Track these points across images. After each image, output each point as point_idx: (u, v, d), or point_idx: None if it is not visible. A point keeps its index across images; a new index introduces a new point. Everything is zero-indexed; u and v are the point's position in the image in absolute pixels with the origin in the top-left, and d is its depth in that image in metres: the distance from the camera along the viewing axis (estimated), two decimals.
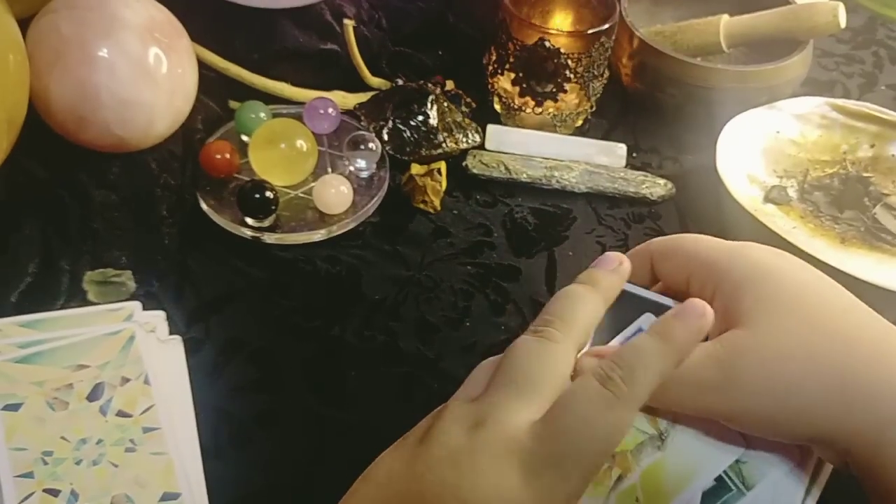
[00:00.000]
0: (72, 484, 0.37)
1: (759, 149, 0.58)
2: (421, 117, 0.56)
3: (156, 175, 0.52)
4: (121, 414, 0.40)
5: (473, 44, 0.64)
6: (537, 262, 0.51)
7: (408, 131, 0.56)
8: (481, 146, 0.58)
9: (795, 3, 0.63)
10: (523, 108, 0.59)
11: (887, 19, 0.79)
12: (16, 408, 0.39)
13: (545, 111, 0.58)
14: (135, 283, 0.46)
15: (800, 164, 0.58)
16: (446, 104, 0.58)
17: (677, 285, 0.35)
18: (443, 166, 0.54)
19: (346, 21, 0.59)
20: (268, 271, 0.49)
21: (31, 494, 0.37)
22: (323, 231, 0.50)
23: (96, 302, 0.45)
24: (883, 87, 0.71)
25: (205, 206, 0.50)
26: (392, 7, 0.66)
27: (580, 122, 0.61)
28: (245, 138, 0.54)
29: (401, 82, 0.60)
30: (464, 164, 0.56)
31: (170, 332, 0.44)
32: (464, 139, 0.57)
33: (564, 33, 0.56)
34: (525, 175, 0.56)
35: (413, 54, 0.63)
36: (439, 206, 0.53)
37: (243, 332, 0.45)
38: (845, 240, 0.53)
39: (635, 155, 0.60)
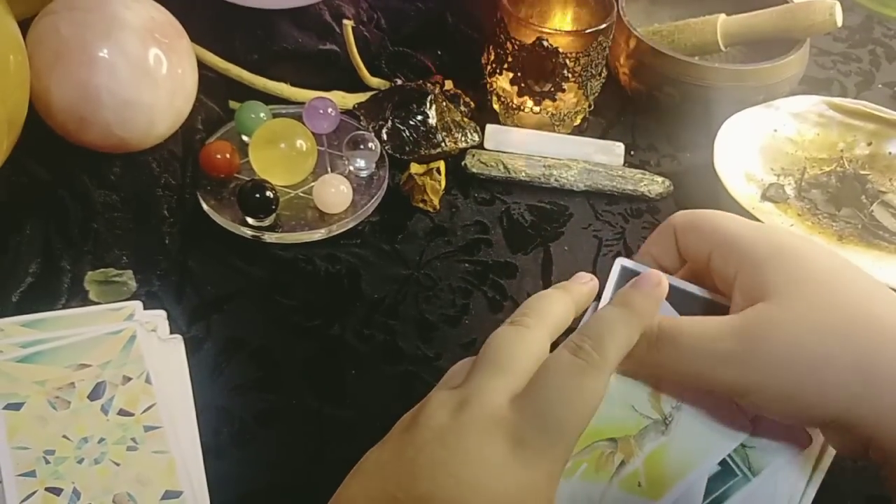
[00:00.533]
0: (74, 483, 0.37)
1: (757, 147, 0.58)
2: (420, 117, 0.57)
3: (156, 175, 0.52)
4: (122, 413, 0.40)
5: (472, 43, 0.64)
6: (534, 258, 0.52)
7: (407, 131, 0.56)
8: (480, 145, 0.58)
9: (792, 1, 0.63)
10: (522, 107, 0.59)
11: (884, 17, 0.79)
12: (18, 407, 0.40)
13: (543, 110, 0.59)
14: (136, 282, 0.47)
15: (797, 163, 0.59)
16: (445, 104, 0.58)
17: (699, 261, 0.35)
18: (442, 165, 0.55)
19: (345, 21, 0.59)
20: (268, 271, 0.49)
21: (34, 493, 0.37)
22: (323, 230, 0.50)
23: (97, 301, 0.46)
24: (880, 86, 0.71)
25: (205, 206, 0.51)
26: (391, 7, 0.66)
27: (578, 121, 0.61)
28: (245, 138, 0.54)
29: (400, 82, 0.60)
30: (463, 163, 0.56)
31: (171, 332, 0.44)
32: (463, 138, 0.58)
33: (562, 33, 0.56)
34: (524, 174, 0.56)
35: (412, 54, 0.63)
36: (438, 205, 0.54)
37: (244, 331, 0.45)
38: (842, 237, 0.53)
39: (633, 153, 0.60)
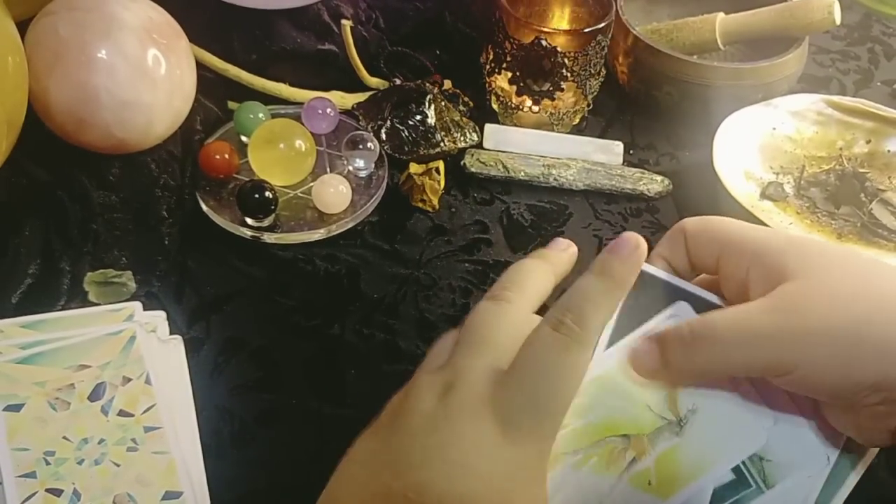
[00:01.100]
0: (74, 484, 0.37)
1: (756, 145, 0.58)
2: (419, 117, 0.57)
3: (155, 176, 0.52)
4: (122, 413, 0.40)
5: (471, 43, 0.64)
6: None
7: (406, 131, 0.56)
8: (479, 145, 0.58)
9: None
10: (521, 106, 0.59)
11: (882, 15, 0.79)
12: (18, 408, 0.40)
13: (542, 110, 0.59)
14: (135, 283, 0.47)
15: (796, 161, 0.59)
16: (444, 103, 0.58)
17: (707, 265, 0.35)
18: (441, 165, 0.55)
19: (343, 21, 0.59)
20: (267, 271, 0.49)
21: (34, 494, 0.37)
22: (322, 230, 0.50)
23: (97, 302, 0.46)
24: (878, 84, 0.71)
25: (204, 207, 0.51)
26: (389, 7, 0.66)
27: (577, 120, 0.61)
28: (244, 139, 0.54)
29: (399, 82, 0.60)
30: (462, 162, 0.56)
31: (170, 332, 0.44)
32: (462, 138, 0.58)
33: (561, 32, 0.56)
34: (523, 173, 0.56)
35: (411, 54, 0.63)
36: (438, 204, 0.54)
37: (243, 332, 0.45)
38: (842, 235, 0.53)
39: (632, 152, 0.60)
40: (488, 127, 0.59)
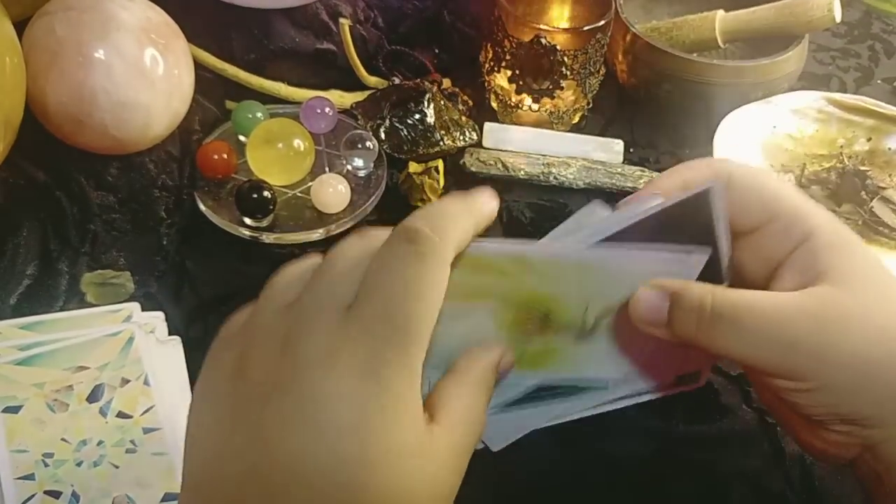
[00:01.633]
0: (73, 485, 0.37)
1: (756, 144, 0.58)
2: (418, 116, 0.56)
3: (153, 176, 0.52)
4: (121, 415, 0.40)
5: (470, 42, 0.64)
6: None
7: (405, 130, 0.56)
8: (479, 144, 0.58)
9: None
10: (520, 105, 0.59)
11: (882, 13, 0.79)
12: (16, 410, 0.39)
13: (542, 108, 0.58)
14: (133, 284, 0.47)
15: (797, 159, 0.59)
16: (443, 102, 0.58)
17: (741, 223, 0.32)
18: (440, 164, 0.55)
19: (342, 20, 0.59)
20: (266, 271, 0.48)
21: (33, 496, 0.37)
22: (321, 230, 0.50)
23: (95, 303, 0.45)
24: (879, 81, 0.71)
25: (203, 207, 0.50)
26: (388, 6, 0.66)
27: (577, 118, 0.61)
28: (242, 138, 0.54)
29: (397, 81, 0.60)
30: (461, 161, 0.56)
31: (169, 333, 0.44)
32: (461, 137, 0.57)
33: (560, 30, 0.56)
34: (523, 172, 0.56)
35: (409, 53, 0.63)
36: None
37: None
38: None
39: (632, 150, 0.60)
40: (488, 126, 0.58)
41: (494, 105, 0.61)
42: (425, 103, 0.57)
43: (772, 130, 0.59)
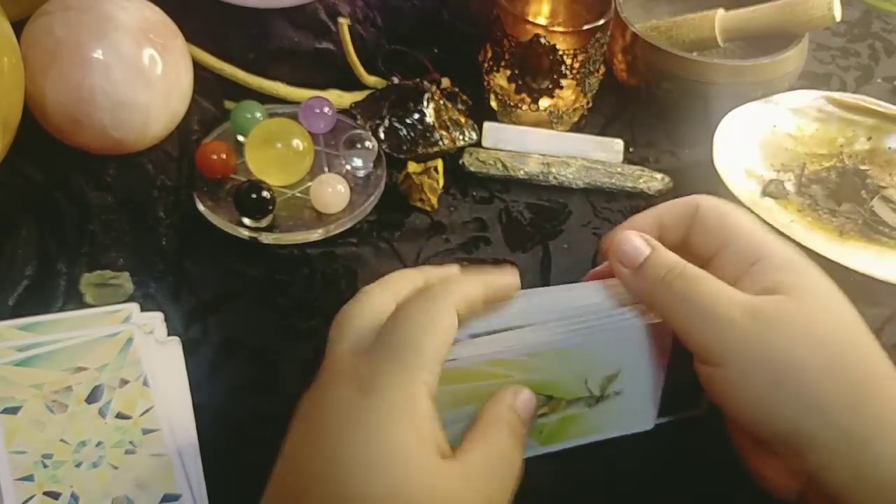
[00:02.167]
0: (72, 486, 0.37)
1: (756, 143, 0.58)
2: (417, 115, 0.56)
3: (152, 176, 0.52)
4: (120, 416, 0.40)
5: (469, 41, 0.64)
6: (533, 255, 0.51)
7: (404, 129, 0.56)
8: (478, 143, 0.58)
9: None
10: (520, 104, 0.59)
11: (882, 12, 0.78)
12: (15, 411, 0.39)
13: (541, 108, 0.58)
14: (132, 284, 0.46)
15: (797, 158, 0.58)
16: (442, 102, 0.58)
17: (702, 250, 0.35)
18: (440, 164, 0.54)
19: (340, 20, 0.59)
20: (265, 271, 0.49)
21: (32, 497, 0.37)
22: (320, 230, 0.50)
23: (94, 304, 0.45)
24: (879, 80, 0.70)
25: (201, 207, 0.50)
26: (387, 5, 0.65)
27: (577, 118, 0.61)
28: (241, 138, 0.54)
29: (397, 81, 0.60)
30: (461, 161, 0.56)
31: (168, 334, 0.44)
32: (460, 137, 0.57)
33: (560, 30, 0.56)
34: (522, 172, 0.56)
35: (409, 52, 0.63)
36: (436, 204, 0.53)
37: (241, 333, 0.45)
38: (843, 233, 0.53)
39: (632, 150, 0.60)
40: (487, 125, 0.58)
41: (494, 105, 0.60)
42: (424, 103, 0.57)
43: (772, 129, 0.59)
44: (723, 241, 0.34)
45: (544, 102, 0.58)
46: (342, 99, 0.59)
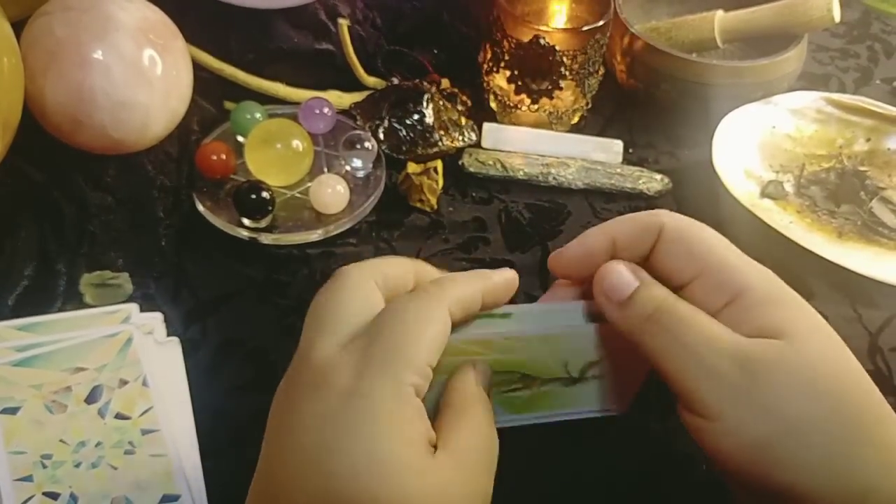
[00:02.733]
0: (71, 487, 0.37)
1: (756, 144, 0.58)
2: (417, 116, 0.56)
3: (152, 177, 0.52)
4: (119, 416, 0.40)
5: (468, 42, 0.64)
6: (531, 256, 0.52)
7: (404, 130, 0.56)
8: (478, 144, 0.58)
9: None
10: (519, 105, 0.59)
11: (882, 13, 0.79)
12: (14, 411, 0.39)
13: (541, 109, 0.58)
14: (132, 285, 0.46)
15: (796, 159, 0.59)
16: (442, 103, 0.58)
17: (672, 277, 0.32)
18: (439, 165, 0.54)
19: (340, 20, 0.59)
20: (264, 272, 0.49)
21: (31, 498, 0.37)
22: (320, 231, 0.50)
23: (93, 304, 0.45)
24: (878, 81, 0.71)
25: (201, 208, 0.50)
26: (387, 6, 0.65)
27: (576, 119, 0.61)
28: (241, 139, 0.54)
29: (396, 81, 0.60)
30: (460, 162, 0.56)
31: (167, 334, 0.44)
32: (460, 137, 0.57)
33: (559, 31, 0.56)
34: (522, 172, 0.56)
35: (408, 53, 0.63)
36: (436, 204, 0.53)
37: (241, 333, 0.45)
38: (842, 234, 0.53)
39: (632, 151, 0.60)
40: (486, 126, 0.58)
41: (493, 105, 0.60)
42: (424, 104, 0.57)
43: (771, 131, 0.59)
44: (696, 271, 0.31)
45: (544, 103, 0.58)
46: (342, 99, 0.59)
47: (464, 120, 0.58)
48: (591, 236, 0.34)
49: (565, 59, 0.55)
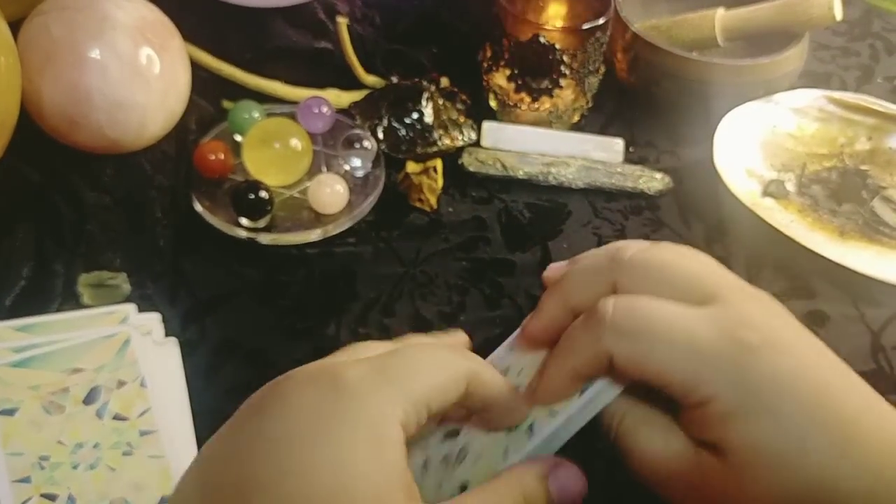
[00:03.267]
0: (69, 488, 0.37)
1: (757, 143, 0.58)
2: (416, 115, 0.56)
3: (149, 176, 0.52)
4: (117, 417, 0.40)
5: (468, 40, 0.64)
6: (532, 255, 0.51)
7: (403, 129, 0.56)
8: (477, 143, 0.58)
9: None
10: (519, 104, 0.58)
11: (883, 11, 0.78)
12: (12, 412, 0.39)
13: (541, 107, 0.58)
14: (130, 285, 0.46)
15: (797, 158, 0.58)
16: (441, 101, 0.58)
17: (639, 372, 0.29)
18: (439, 164, 0.54)
19: (339, 19, 0.59)
20: (263, 272, 0.48)
21: (29, 499, 0.36)
22: (318, 231, 0.50)
23: (91, 305, 0.45)
24: (880, 80, 0.70)
25: (199, 207, 0.50)
26: (386, 4, 0.65)
27: (576, 117, 0.61)
28: (239, 138, 0.54)
29: (395, 80, 0.60)
30: (460, 161, 0.56)
31: (165, 335, 0.44)
32: (459, 136, 0.57)
33: (559, 29, 0.56)
34: (522, 172, 0.55)
35: (407, 52, 0.63)
36: (436, 204, 0.53)
37: (239, 333, 0.45)
38: (844, 233, 0.53)
39: (632, 150, 0.60)
40: (486, 125, 0.58)
41: (493, 104, 0.60)
42: (423, 102, 0.57)
43: (772, 129, 0.59)
44: (654, 370, 0.29)
45: (544, 102, 0.58)
46: (341, 98, 0.58)
47: (463, 119, 0.58)
48: (549, 310, 0.34)
49: (565, 57, 0.55)
